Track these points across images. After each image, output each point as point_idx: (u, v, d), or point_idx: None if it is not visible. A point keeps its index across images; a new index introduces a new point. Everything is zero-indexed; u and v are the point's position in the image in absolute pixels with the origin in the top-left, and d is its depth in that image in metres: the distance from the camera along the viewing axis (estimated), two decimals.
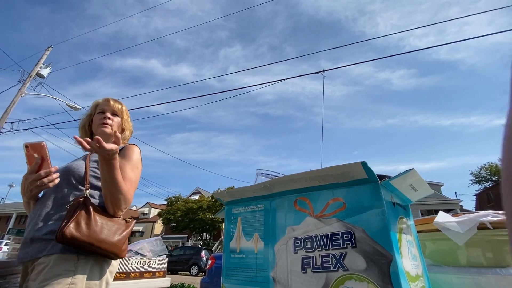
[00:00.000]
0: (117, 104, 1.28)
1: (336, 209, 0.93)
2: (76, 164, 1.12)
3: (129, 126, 1.34)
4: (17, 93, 11.59)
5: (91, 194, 1.05)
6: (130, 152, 1.18)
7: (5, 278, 2.30)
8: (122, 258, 1.03)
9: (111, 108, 1.26)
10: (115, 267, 1.08)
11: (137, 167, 1.16)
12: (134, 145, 1.23)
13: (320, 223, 0.95)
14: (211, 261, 5.94)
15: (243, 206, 1.21)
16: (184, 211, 24.16)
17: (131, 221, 1.09)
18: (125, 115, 1.31)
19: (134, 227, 4.24)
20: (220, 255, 5.90)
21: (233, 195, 1.22)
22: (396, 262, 0.77)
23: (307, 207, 1.00)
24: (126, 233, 1.03)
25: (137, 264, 3.48)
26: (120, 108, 1.29)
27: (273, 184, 1.08)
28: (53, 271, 0.86)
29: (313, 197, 1.01)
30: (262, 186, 1.10)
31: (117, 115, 1.27)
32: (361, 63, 12.79)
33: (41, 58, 12.75)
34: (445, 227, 1.42)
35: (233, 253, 1.15)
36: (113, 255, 0.99)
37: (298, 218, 1.01)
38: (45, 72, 12.54)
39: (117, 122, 1.26)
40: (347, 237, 0.87)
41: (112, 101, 1.28)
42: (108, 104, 1.26)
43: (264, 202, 1.14)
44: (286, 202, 1.07)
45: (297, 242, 0.97)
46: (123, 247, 1.01)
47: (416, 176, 0.96)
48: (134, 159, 1.16)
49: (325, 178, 0.96)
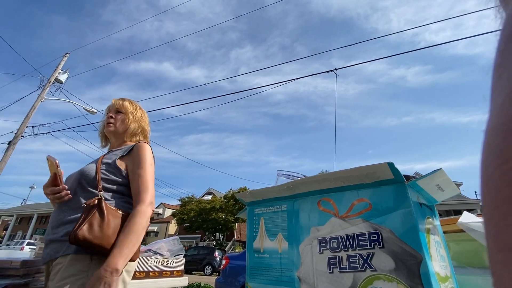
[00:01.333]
0: (119, 101, 1.32)
1: (361, 209, 0.94)
2: (87, 167, 1.16)
3: (135, 119, 1.31)
4: (37, 99, 12.05)
5: (105, 196, 1.07)
6: (139, 151, 1.16)
7: (33, 277, 2.41)
8: (133, 260, 1.01)
9: (114, 107, 1.31)
10: (132, 266, 1.08)
11: (150, 164, 1.14)
12: (142, 143, 1.20)
13: (346, 224, 0.95)
14: (225, 261, 5.99)
15: (266, 207, 1.23)
16: (197, 211, 24.45)
17: None
18: (129, 109, 1.31)
19: (150, 227, 4.30)
20: (234, 255, 5.94)
21: (255, 195, 1.24)
22: (426, 263, 0.76)
23: (332, 208, 1.01)
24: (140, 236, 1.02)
25: (156, 263, 3.56)
26: (121, 104, 1.31)
27: (296, 185, 1.09)
28: (68, 271, 0.91)
29: (337, 197, 1.01)
30: (285, 187, 1.11)
31: (121, 111, 1.31)
32: (374, 61, 12.55)
33: (59, 64, 13.20)
34: (470, 228, 1.38)
35: (257, 253, 1.17)
36: None
37: (323, 219, 1.02)
38: (63, 78, 12.98)
39: (121, 119, 1.29)
40: (374, 238, 0.87)
41: (115, 100, 1.33)
42: (111, 104, 1.32)
43: (287, 202, 1.16)
44: (309, 202, 1.08)
45: (322, 242, 0.98)
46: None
47: (443, 176, 0.95)
48: (145, 158, 1.14)
49: (350, 179, 0.96)
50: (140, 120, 1.33)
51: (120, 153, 1.19)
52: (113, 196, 1.09)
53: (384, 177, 0.90)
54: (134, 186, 1.08)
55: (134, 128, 1.30)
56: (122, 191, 1.11)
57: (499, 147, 0.16)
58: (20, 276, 2.24)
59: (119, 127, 1.27)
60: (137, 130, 1.31)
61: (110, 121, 1.27)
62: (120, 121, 1.28)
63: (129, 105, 1.32)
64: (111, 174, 1.12)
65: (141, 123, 1.33)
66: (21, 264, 2.27)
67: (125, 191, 1.11)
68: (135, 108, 1.34)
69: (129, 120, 1.29)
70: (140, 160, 1.13)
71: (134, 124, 1.30)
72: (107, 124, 1.27)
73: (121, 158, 1.17)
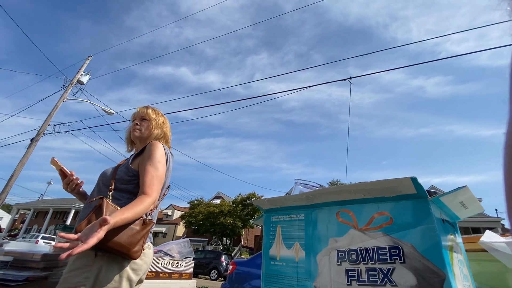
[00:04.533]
0: (143, 109, 1.43)
1: (382, 223, 0.93)
2: (106, 169, 1.26)
3: (158, 125, 1.41)
4: (60, 98, 12.56)
5: (115, 196, 1.14)
6: (151, 148, 1.21)
7: (52, 270, 2.50)
8: (134, 259, 1.05)
9: (139, 114, 1.41)
10: (138, 265, 1.10)
11: (158, 161, 1.18)
12: (154, 142, 1.26)
13: (365, 236, 0.95)
14: (231, 266, 5.96)
15: (283, 215, 1.24)
16: (206, 214, 24.54)
17: (149, 223, 1.10)
18: (152, 116, 1.41)
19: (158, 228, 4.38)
20: (241, 261, 5.91)
21: (273, 203, 1.25)
22: (449, 281, 0.75)
23: (351, 220, 1.01)
24: (139, 234, 1.04)
25: (166, 264, 3.60)
26: (146, 112, 1.41)
27: (315, 195, 1.10)
28: (74, 265, 1.01)
29: (356, 209, 1.01)
30: (303, 196, 1.12)
31: (145, 118, 1.40)
32: (391, 70, 12.38)
33: (82, 67, 13.74)
34: (493, 248, 1.34)
35: (273, 260, 1.18)
36: (123, 256, 1.02)
37: (341, 230, 1.02)
38: (85, 79, 13.48)
39: (146, 125, 1.39)
40: (395, 252, 0.87)
41: (140, 108, 1.44)
42: (137, 112, 1.43)
43: (305, 211, 1.16)
44: (328, 213, 1.09)
45: (341, 253, 0.98)
46: (134, 248, 1.02)
47: (468, 193, 0.93)
48: (155, 154, 1.19)
49: (371, 191, 0.96)
50: (162, 126, 1.43)
51: (135, 154, 1.27)
52: (123, 196, 1.15)
53: (406, 192, 0.89)
54: (141, 181, 1.14)
55: (157, 134, 1.39)
56: (132, 190, 1.16)
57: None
58: (40, 269, 2.33)
59: (144, 133, 1.37)
60: (160, 135, 1.41)
61: (136, 127, 1.38)
62: (145, 127, 1.38)
63: (153, 112, 1.43)
64: (124, 173, 1.20)
65: (163, 128, 1.43)
66: (42, 257, 2.37)
67: (136, 190, 1.15)
68: (157, 115, 1.44)
69: (152, 126, 1.38)
70: (148, 156, 1.18)
71: (157, 130, 1.40)
72: (133, 130, 1.37)
73: (135, 157, 1.24)
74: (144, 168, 1.15)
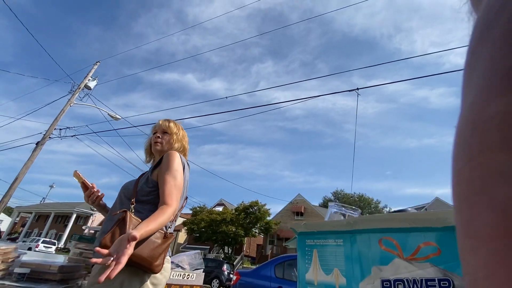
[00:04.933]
0: (165, 122, 1.45)
1: (429, 253, 0.93)
2: (129, 182, 1.29)
3: (178, 139, 1.43)
4: (67, 103, 12.68)
5: (137, 208, 1.15)
6: (168, 158, 1.23)
7: (68, 283, 2.48)
8: (155, 273, 1.05)
9: (161, 128, 1.43)
10: (158, 279, 1.11)
11: (176, 169, 1.20)
12: (171, 151, 1.28)
13: (412, 267, 0.95)
14: (235, 277, 5.88)
15: (319, 239, 1.24)
16: (208, 222, 24.35)
17: (170, 236, 1.12)
18: (174, 130, 1.43)
19: None
20: (246, 271, 5.84)
21: (309, 227, 1.25)
22: None
23: (395, 248, 1.01)
24: (161, 248, 1.05)
25: (177, 276, 3.57)
26: (168, 126, 1.43)
27: (358, 222, 1.10)
28: (95, 278, 1.01)
29: (400, 238, 1.01)
30: (345, 222, 1.12)
31: (167, 132, 1.42)
32: (396, 82, 12.43)
33: (90, 72, 13.92)
34: None
35: (311, 286, 1.17)
36: (144, 269, 1.03)
37: (385, 258, 1.02)
38: (92, 85, 13.62)
39: (167, 139, 1.40)
40: (445, 285, 0.86)
41: (162, 121, 1.46)
42: (158, 125, 1.45)
43: (343, 237, 1.16)
44: (369, 240, 1.08)
45: (386, 283, 0.98)
46: (156, 262, 1.03)
47: None
48: (172, 164, 1.20)
49: (417, 221, 0.96)
50: (182, 140, 1.45)
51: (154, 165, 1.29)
52: (144, 208, 1.16)
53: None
54: (160, 191, 1.15)
55: (178, 147, 1.42)
56: (153, 201, 1.18)
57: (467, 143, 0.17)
58: (57, 281, 2.32)
59: (165, 146, 1.39)
60: (180, 148, 1.43)
61: (158, 140, 1.40)
62: (166, 141, 1.40)
63: (174, 126, 1.45)
64: (144, 185, 1.22)
65: (183, 142, 1.46)
66: (59, 269, 2.35)
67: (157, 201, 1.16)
68: (178, 129, 1.47)
69: (174, 140, 1.41)
70: (166, 166, 1.20)
71: (178, 144, 1.42)
72: (155, 143, 1.39)
73: (154, 168, 1.26)
74: (163, 178, 1.16)
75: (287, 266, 5.38)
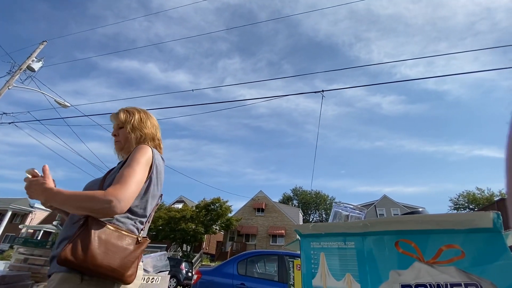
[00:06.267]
0: (114, 115, 1.24)
1: (453, 256, 0.89)
2: (92, 181, 1.14)
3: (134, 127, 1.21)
4: (4, 85, 11.06)
5: None
6: (132, 153, 1.07)
7: None
8: (128, 283, 0.93)
9: (115, 123, 1.25)
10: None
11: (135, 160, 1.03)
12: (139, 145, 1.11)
13: (435, 271, 0.90)
14: (196, 275, 5.65)
15: (326, 241, 1.14)
16: (166, 219, 23.30)
17: (143, 241, 1.00)
18: (126, 118, 1.22)
19: None
20: (207, 270, 5.63)
21: (318, 229, 1.15)
22: None
23: (414, 251, 0.96)
24: (133, 255, 0.94)
25: (142, 281, 3.25)
26: (117, 117, 1.23)
27: (374, 223, 1.03)
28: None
29: (420, 240, 0.96)
30: (360, 224, 1.04)
31: (121, 126, 1.22)
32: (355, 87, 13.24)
33: (34, 52, 12.32)
34: None
35: None
36: (114, 280, 0.90)
37: (404, 262, 0.96)
38: (37, 66, 12.08)
39: (123, 134, 1.21)
40: None
41: (112, 116, 1.25)
42: (112, 122, 1.26)
43: (354, 239, 1.08)
44: (385, 242, 1.02)
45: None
46: (128, 272, 0.91)
47: None
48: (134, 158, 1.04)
49: (440, 223, 0.92)
50: (140, 126, 1.22)
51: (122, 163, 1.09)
52: None
53: (482, 225, 0.87)
54: None
55: (137, 137, 1.21)
56: None
57: None
58: None
59: (124, 143, 1.21)
60: (140, 138, 1.21)
61: (115, 139, 1.23)
62: (123, 136, 1.20)
63: (124, 115, 1.22)
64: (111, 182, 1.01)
65: (142, 129, 1.22)
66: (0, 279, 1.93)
67: None
68: (131, 114, 1.24)
69: (127, 132, 1.20)
70: (129, 159, 1.04)
71: (135, 133, 1.21)
72: (115, 144, 1.23)
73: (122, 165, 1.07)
74: (121, 171, 0.99)
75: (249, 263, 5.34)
